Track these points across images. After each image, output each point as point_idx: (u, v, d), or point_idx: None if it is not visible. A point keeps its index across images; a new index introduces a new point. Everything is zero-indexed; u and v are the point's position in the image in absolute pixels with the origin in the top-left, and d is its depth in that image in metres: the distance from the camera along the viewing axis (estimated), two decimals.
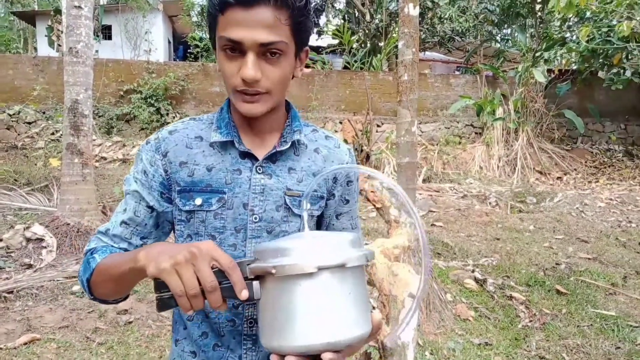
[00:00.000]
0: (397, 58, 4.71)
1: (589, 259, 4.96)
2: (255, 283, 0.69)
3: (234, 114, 0.96)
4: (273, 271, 0.65)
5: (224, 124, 0.94)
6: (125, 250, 0.92)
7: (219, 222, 0.91)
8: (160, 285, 0.69)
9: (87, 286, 0.88)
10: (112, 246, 0.93)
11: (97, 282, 0.86)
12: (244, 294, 0.68)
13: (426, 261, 0.70)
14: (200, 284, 0.67)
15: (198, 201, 0.90)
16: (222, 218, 0.91)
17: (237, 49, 0.83)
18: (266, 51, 0.82)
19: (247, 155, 0.93)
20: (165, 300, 0.69)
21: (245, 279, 0.69)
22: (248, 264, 0.70)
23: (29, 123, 9.63)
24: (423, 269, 0.68)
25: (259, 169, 0.92)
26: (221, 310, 0.71)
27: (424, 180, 8.85)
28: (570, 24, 10.55)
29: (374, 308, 0.74)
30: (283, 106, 0.98)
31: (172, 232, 0.99)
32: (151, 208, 0.93)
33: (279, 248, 0.68)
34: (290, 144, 0.94)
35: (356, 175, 1.05)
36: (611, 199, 7.79)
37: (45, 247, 4.44)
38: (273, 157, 0.94)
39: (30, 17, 16.02)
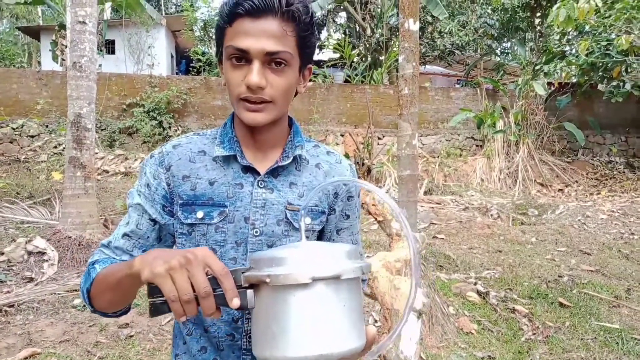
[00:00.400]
0: (397, 72, 4.75)
1: (592, 271, 4.94)
2: (249, 292, 0.69)
3: (237, 129, 0.97)
4: (267, 280, 0.65)
5: (227, 138, 0.96)
6: None
7: (220, 236, 0.92)
8: (153, 290, 0.68)
9: (87, 297, 0.89)
10: (114, 258, 0.93)
11: (96, 292, 0.87)
12: (235, 302, 0.67)
13: (416, 274, 0.70)
14: (194, 290, 0.67)
15: (200, 214, 0.91)
16: (223, 231, 0.92)
17: (243, 58, 0.85)
18: (271, 60, 0.85)
19: (249, 170, 0.94)
20: (158, 305, 0.69)
21: (240, 287, 0.69)
22: (243, 272, 0.69)
23: (32, 136, 9.69)
24: (412, 280, 0.69)
25: (261, 184, 0.94)
26: (215, 317, 0.70)
27: (425, 193, 8.85)
28: (570, 37, 10.63)
29: (375, 322, 0.74)
30: (286, 121, 1.00)
31: (174, 245, 0.99)
32: (153, 221, 0.94)
33: (274, 257, 0.68)
34: (292, 159, 0.95)
35: (357, 191, 1.05)
36: (613, 211, 7.78)
37: (46, 261, 4.44)
38: (275, 172, 0.95)
39: (34, 32, 16.22)
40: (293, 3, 0.84)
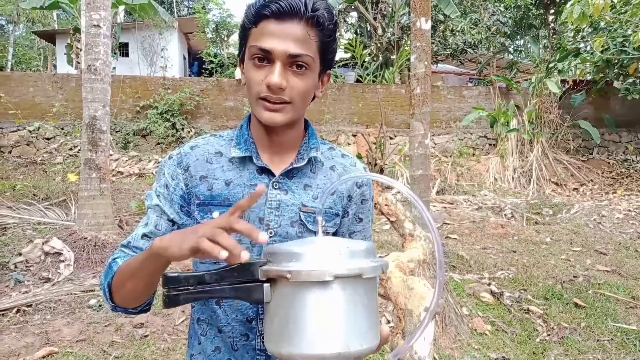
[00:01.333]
0: (409, 71, 4.74)
1: (608, 271, 4.86)
2: (266, 286, 0.68)
3: (253, 130, 0.99)
4: (288, 276, 0.64)
5: (243, 140, 0.97)
6: None
7: (234, 236, 0.92)
8: (168, 281, 0.68)
9: (108, 291, 0.90)
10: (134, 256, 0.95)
11: (118, 283, 0.88)
12: (262, 237, 0.68)
13: (441, 273, 0.70)
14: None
15: (215, 214, 0.92)
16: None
17: (265, 59, 0.87)
18: (293, 63, 0.86)
19: (264, 171, 0.95)
20: (172, 297, 0.69)
21: (256, 280, 0.69)
22: (260, 266, 0.69)
23: (48, 139, 9.85)
24: (437, 280, 0.68)
25: (276, 185, 0.95)
26: (243, 258, 0.68)
27: (437, 193, 8.80)
28: (584, 34, 10.49)
29: (389, 322, 0.74)
30: (302, 123, 1.01)
31: None
32: (172, 221, 0.96)
33: (293, 252, 0.67)
34: (307, 160, 0.96)
35: (371, 195, 1.06)
36: (629, 210, 7.65)
37: (63, 261, 4.51)
38: (289, 174, 0.96)
39: (50, 36, 16.48)
40: (318, 9, 0.86)
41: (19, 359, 2.99)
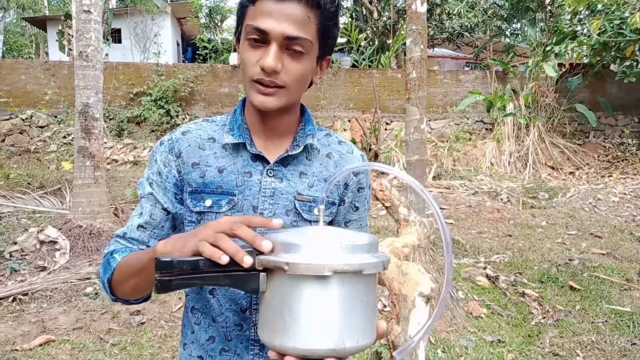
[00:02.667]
0: (405, 55, 4.70)
1: (603, 254, 4.90)
2: (262, 275, 0.66)
3: (247, 116, 0.95)
4: (285, 268, 0.62)
5: (237, 126, 0.94)
6: None
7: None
8: (160, 265, 0.66)
9: (108, 286, 0.89)
10: (132, 248, 0.93)
11: (119, 280, 0.87)
12: (265, 246, 0.65)
13: (449, 256, 0.67)
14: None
15: (208, 202, 0.90)
16: None
17: (261, 39, 0.82)
18: (290, 45, 0.82)
19: (258, 158, 0.92)
20: (165, 282, 0.66)
21: (252, 269, 0.66)
22: (257, 255, 0.67)
23: (41, 127, 9.76)
24: (447, 265, 0.66)
25: (270, 172, 0.92)
26: (246, 263, 0.65)
27: (434, 178, 8.80)
28: (581, 17, 10.41)
29: (384, 307, 0.72)
30: (297, 109, 0.97)
31: None
32: (166, 210, 0.93)
33: (292, 243, 0.65)
34: (302, 148, 0.93)
35: (368, 183, 1.03)
36: (625, 194, 7.69)
37: (58, 250, 4.50)
38: (284, 161, 0.93)
39: (41, 23, 16.23)
40: None
41: (15, 347, 2.99)
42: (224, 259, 0.64)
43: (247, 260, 0.64)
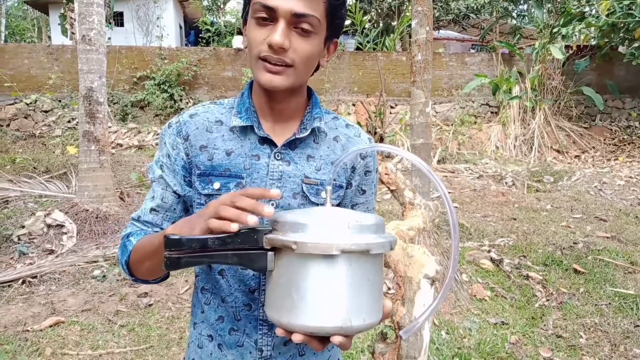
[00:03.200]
0: (410, 37, 4.64)
1: (608, 237, 4.90)
2: (270, 254, 0.67)
3: (254, 98, 0.95)
4: (294, 247, 0.63)
5: (244, 108, 0.93)
6: None
7: None
8: (170, 243, 0.67)
9: (126, 268, 0.91)
10: (147, 230, 0.95)
11: (135, 262, 0.89)
12: (267, 210, 0.67)
13: (456, 238, 0.68)
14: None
15: (216, 185, 0.90)
16: None
17: (269, 17, 0.82)
18: (298, 23, 0.82)
19: (266, 141, 0.92)
20: (174, 259, 0.68)
21: (260, 248, 0.68)
22: (265, 234, 0.67)
23: (46, 112, 9.77)
24: (454, 247, 0.67)
25: (278, 156, 0.92)
26: (250, 222, 0.67)
27: (438, 161, 8.78)
28: None
29: (389, 289, 0.73)
30: (304, 92, 0.97)
31: None
32: (176, 193, 0.95)
33: (300, 223, 0.66)
34: (310, 131, 0.93)
35: (375, 166, 1.03)
36: (631, 177, 7.65)
37: (65, 233, 4.54)
38: (292, 144, 0.93)
39: (43, 6, 16.10)
40: None
41: (26, 328, 3.05)
42: (234, 227, 0.66)
43: (250, 219, 0.66)
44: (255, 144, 0.92)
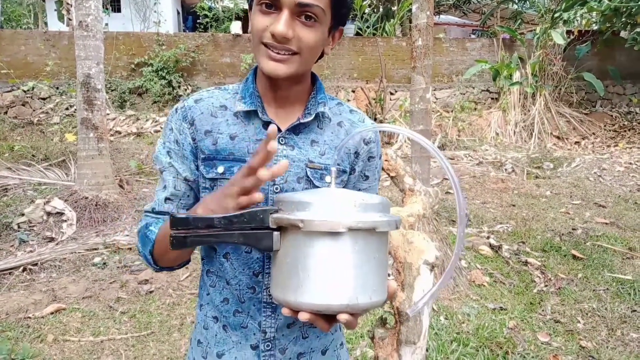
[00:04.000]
0: (410, 22, 4.59)
1: (606, 223, 4.91)
2: (276, 234, 0.68)
3: (258, 84, 0.95)
4: (300, 225, 0.63)
5: (249, 94, 0.94)
6: None
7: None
8: (176, 222, 0.68)
9: (151, 258, 0.92)
10: (165, 219, 0.95)
11: (161, 251, 0.89)
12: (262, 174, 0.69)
13: (462, 223, 0.68)
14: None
15: (220, 169, 0.91)
16: None
17: (273, 5, 0.82)
18: (302, 12, 0.82)
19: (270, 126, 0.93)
20: (180, 238, 0.68)
21: (267, 228, 0.68)
22: (271, 213, 0.68)
23: (44, 99, 9.70)
24: (460, 229, 0.67)
25: (282, 140, 0.93)
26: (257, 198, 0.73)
27: (438, 148, 8.73)
28: None
29: (389, 275, 0.73)
30: (308, 79, 0.97)
31: None
32: (186, 180, 0.95)
33: (305, 201, 0.66)
34: (314, 116, 0.94)
35: (378, 152, 1.04)
36: (630, 163, 7.64)
37: (65, 221, 4.55)
38: (296, 129, 0.94)
39: None
40: None
41: (28, 315, 3.07)
42: (259, 197, 0.72)
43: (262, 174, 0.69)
44: (259, 128, 0.93)
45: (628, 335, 2.97)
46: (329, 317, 0.67)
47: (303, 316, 0.65)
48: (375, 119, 8.82)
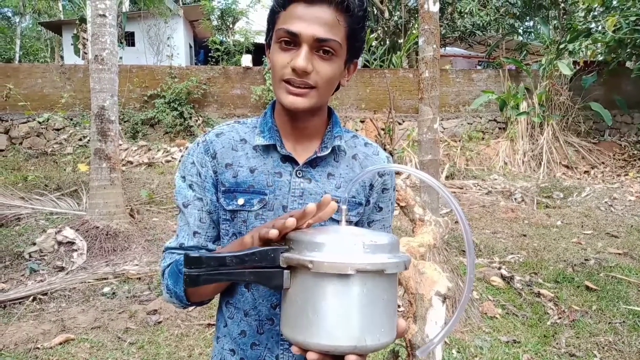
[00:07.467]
0: (417, 55, 4.69)
1: (620, 254, 4.83)
2: (286, 272, 0.69)
3: (277, 118, 0.98)
4: (310, 266, 0.64)
5: (267, 128, 0.97)
6: None
7: (259, 222, 0.93)
8: (189, 261, 0.69)
9: (184, 295, 0.91)
10: None
11: (195, 290, 0.90)
12: (289, 222, 0.70)
13: (471, 256, 0.68)
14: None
15: (240, 201, 0.93)
16: (262, 218, 0.93)
17: (292, 42, 0.86)
18: (320, 47, 0.85)
19: (288, 159, 0.95)
20: (193, 276, 0.69)
21: (277, 267, 0.69)
22: (282, 252, 0.69)
23: (58, 130, 9.91)
24: (469, 264, 0.68)
25: (299, 173, 0.95)
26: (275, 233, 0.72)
27: (447, 177, 8.76)
28: (596, 14, 10.27)
29: (399, 307, 0.74)
30: (325, 111, 1.00)
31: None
32: (209, 212, 0.97)
33: (316, 242, 0.67)
34: (330, 149, 0.96)
35: (392, 184, 1.05)
36: None
37: (76, 250, 4.57)
38: (313, 162, 0.96)
39: (56, 27, 16.48)
40: None
41: (37, 345, 3.06)
42: (291, 221, 0.70)
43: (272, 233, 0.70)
44: (278, 161, 0.95)
45: None
46: (338, 357, 0.67)
47: (311, 356, 0.66)
48: (384, 149, 8.85)
